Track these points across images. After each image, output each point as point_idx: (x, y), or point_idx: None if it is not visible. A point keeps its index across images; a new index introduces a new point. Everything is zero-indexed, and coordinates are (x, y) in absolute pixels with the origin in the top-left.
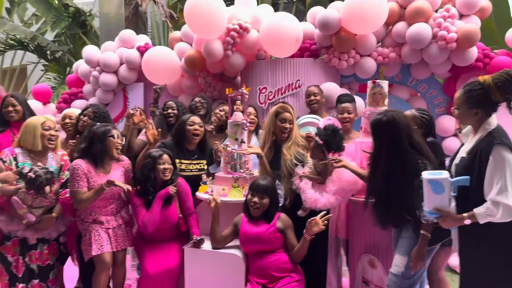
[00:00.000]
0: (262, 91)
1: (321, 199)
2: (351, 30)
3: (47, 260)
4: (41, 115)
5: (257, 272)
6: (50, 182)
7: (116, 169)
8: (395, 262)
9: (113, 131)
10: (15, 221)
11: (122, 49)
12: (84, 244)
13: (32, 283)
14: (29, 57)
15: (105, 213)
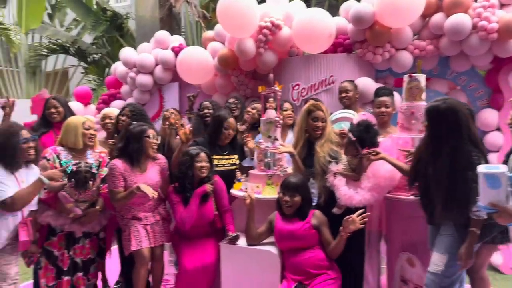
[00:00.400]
0: (295, 88)
1: (356, 196)
2: (385, 23)
3: (88, 254)
4: (81, 115)
5: (293, 268)
6: (92, 177)
7: (152, 168)
8: (433, 260)
9: (149, 131)
10: (62, 215)
11: (157, 50)
12: (124, 239)
13: (76, 276)
14: (70, 60)
15: (143, 209)
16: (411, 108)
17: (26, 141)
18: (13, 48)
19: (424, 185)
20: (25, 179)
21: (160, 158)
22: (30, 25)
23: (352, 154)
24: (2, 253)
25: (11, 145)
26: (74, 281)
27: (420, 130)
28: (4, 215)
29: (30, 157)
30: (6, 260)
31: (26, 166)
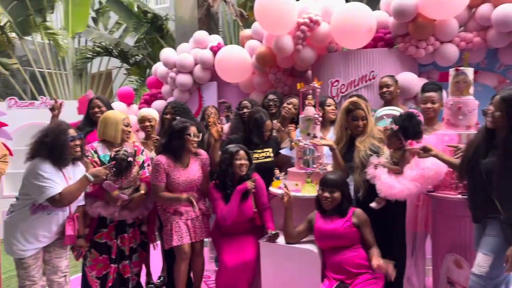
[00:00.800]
0: (334, 85)
1: (397, 184)
2: (429, 15)
3: (131, 243)
4: (119, 112)
5: (334, 267)
6: (131, 164)
7: (194, 163)
8: (478, 261)
9: (191, 129)
10: (111, 204)
11: (196, 50)
12: (165, 234)
13: (123, 263)
14: (113, 62)
15: (185, 204)
16: (458, 103)
17: (73, 139)
18: (60, 52)
19: (474, 180)
20: (72, 175)
21: (202, 154)
22: (76, 29)
23: (396, 147)
24: (53, 247)
25: (60, 143)
26: (121, 269)
27: (467, 126)
28: (55, 210)
29: (76, 154)
30: (57, 253)
31: (73, 163)
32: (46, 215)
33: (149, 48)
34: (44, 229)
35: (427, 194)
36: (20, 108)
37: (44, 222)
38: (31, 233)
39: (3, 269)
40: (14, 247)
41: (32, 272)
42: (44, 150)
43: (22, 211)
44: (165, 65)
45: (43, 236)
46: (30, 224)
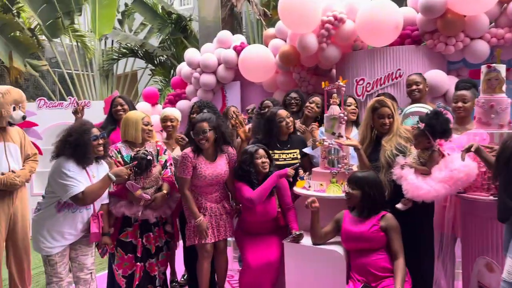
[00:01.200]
0: (359, 83)
1: (424, 185)
2: (459, 11)
3: (157, 242)
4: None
5: (359, 269)
6: (150, 163)
7: (221, 158)
8: (508, 267)
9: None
10: (134, 204)
11: (219, 50)
12: (188, 230)
13: (149, 261)
14: (138, 63)
15: (210, 199)
16: (490, 101)
17: (96, 138)
18: (88, 54)
19: (509, 175)
20: (96, 174)
21: (230, 150)
22: (103, 31)
23: (423, 146)
24: (79, 244)
25: (83, 142)
26: (147, 267)
27: (500, 125)
28: (79, 208)
29: (100, 153)
30: (82, 251)
31: (97, 162)
32: (71, 213)
33: (173, 49)
34: (69, 227)
35: (456, 195)
36: (49, 109)
37: (70, 220)
38: (57, 231)
39: (32, 265)
40: (41, 244)
41: (59, 269)
42: (68, 149)
43: (48, 209)
44: (189, 65)
45: (69, 234)
46: (56, 222)
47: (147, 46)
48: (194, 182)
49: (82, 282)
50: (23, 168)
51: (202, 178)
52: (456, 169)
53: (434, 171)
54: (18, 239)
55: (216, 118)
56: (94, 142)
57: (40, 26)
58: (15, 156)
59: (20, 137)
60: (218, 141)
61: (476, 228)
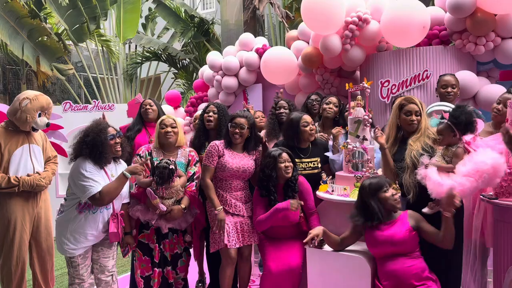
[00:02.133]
0: (384, 85)
1: (447, 181)
2: (489, 10)
3: (175, 249)
4: (165, 115)
5: (389, 277)
6: (172, 174)
7: (248, 155)
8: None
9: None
10: (150, 211)
11: (241, 53)
12: (212, 233)
13: (166, 269)
14: (161, 66)
15: (235, 197)
16: None
17: (113, 137)
18: (112, 58)
19: None
20: (115, 173)
21: (257, 153)
22: (127, 35)
23: (448, 141)
24: (101, 246)
25: (100, 141)
26: (165, 273)
27: None
28: (100, 209)
29: (117, 152)
30: (104, 253)
31: (115, 162)
32: (92, 214)
33: (195, 52)
34: (91, 228)
35: (488, 202)
36: (74, 112)
37: (91, 220)
38: (79, 232)
39: (56, 266)
40: (64, 246)
41: (81, 271)
42: (85, 149)
43: (70, 211)
44: (211, 68)
45: (91, 235)
46: (78, 223)
47: (170, 50)
48: (218, 174)
49: (103, 284)
50: (46, 170)
51: (227, 170)
52: (481, 161)
53: (458, 166)
54: (41, 240)
55: (254, 120)
56: (111, 141)
57: (67, 31)
58: (39, 158)
59: (42, 139)
60: (249, 141)
61: (509, 236)
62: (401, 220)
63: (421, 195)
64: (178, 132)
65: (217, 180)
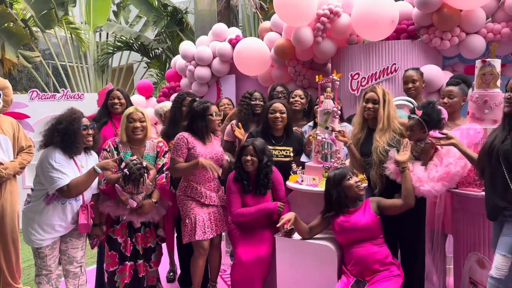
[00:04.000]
0: (354, 77)
1: (426, 183)
2: (455, 5)
3: (148, 243)
4: (133, 106)
5: (354, 263)
6: (143, 175)
7: (216, 140)
8: (496, 264)
9: (212, 109)
10: (121, 206)
11: (215, 43)
12: (186, 227)
13: (138, 262)
14: (133, 56)
15: (208, 187)
16: (484, 96)
17: (86, 128)
18: (82, 46)
19: (491, 169)
20: (85, 164)
21: (220, 134)
22: (97, 23)
23: (418, 137)
24: (70, 237)
25: (72, 130)
26: (136, 267)
27: (494, 120)
28: (69, 200)
29: (88, 143)
30: (73, 244)
31: (86, 153)
32: (61, 205)
33: (169, 42)
34: (59, 219)
35: (448, 191)
36: (41, 101)
37: (59, 211)
38: (47, 224)
39: (23, 259)
40: (32, 236)
41: (48, 262)
42: (56, 137)
43: (38, 201)
44: (184, 58)
45: (59, 226)
46: (46, 214)
47: (142, 39)
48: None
49: (71, 275)
50: (13, 160)
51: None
52: (452, 163)
53: (431, 169)
54: (7, 232)
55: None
56: (84, 131)
57: (33, 17)
58: (5, 147)
59: (14, 128)
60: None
61: (468, 224)
62: (364, 207)
63: (387, 188)
64: (147, 127)
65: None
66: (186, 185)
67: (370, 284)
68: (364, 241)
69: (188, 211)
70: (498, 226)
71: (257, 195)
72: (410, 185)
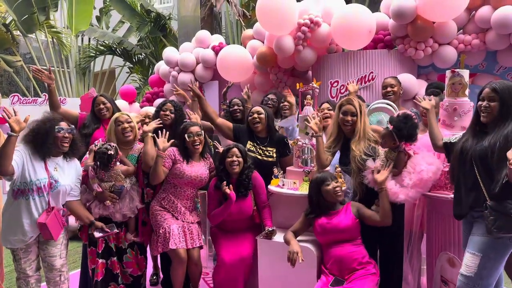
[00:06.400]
0: (333, 85)
1: (401, 193)
2: (428, 18)
3: (120, 243)
4: (118, 112)
5: (333, 263)
6: (111, 159)
7: (202, 163)
8: (465, 262)
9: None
10: (87, 191)
11: (198, 49)
12: (159, 237)
13: (111, 260)
14: (116, 60)
15: (184, 204)
16: (453, 104)
17: (61, 130)
18: (64, 50)
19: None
20: (60, 169)
21: (208, 158)
22: (80, 28)
23: (389, 146)
24: (46, 244)
25: (44, 130)
26: (109, 265)
27: (462, 127)
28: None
29: (63, 147)
30: (50, 252)
31: (65, 158)
32: (25, 200)
33: (152, 47)
34: (25, 216)
35: (423, 194)
36: (23, 105)
37: (24, 207)
38: (16, 221)
39: (5, 263)
40: (6, 236)
41: (23, 265)
42: (29, 135)
43: (8, 198)
44: (168, 64)
45: (28, 225)
46: (14, 210)
47: (125, 44)
48: (174, 180)
49: (51, 283)
50: None
51: (184, 177)
52: (424, 170)
53: (405, 177)
54: None
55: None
56: (58, 133)
57: (15, 21)
58: None
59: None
60: (204, 146)
61: (439, 225)
62: (345, 210)
63: (366, 195)
64: (135, 127)
65: (170, 186)
66: (164, 197)
67: (347, 282)
68: (343, 242)
69: (162, 221)
70: (468, 227)
71: (238, 197)
72: (388, 206)
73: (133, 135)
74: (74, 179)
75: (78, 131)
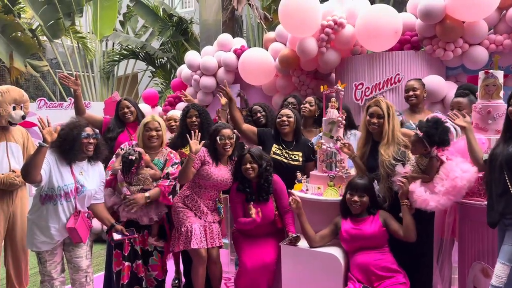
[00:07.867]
0: (358, 87)
1: (431, 200)
2: (458, 17)
3: (146, 246)
4: (151, 115)
5: (360, 270)
6: (133, 164)
7: (229, 166)
8: (496, 272)
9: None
10: (116, 194)
11: (220, 53)
12: (180, 235)
13: (136, 263)
14: (139, 65)
15: (206, 204)
16: (487, 107)
17: (88, 136)
18: (88, 55)
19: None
20: (85, 173)
21: (234, 162)
22: (104, 33)
23: (420, 153)
24: (72, 246)
25: (72, 136)
26: (134, 268)
27: (497, 131)
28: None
29: (88, 152)
30: (75, 253)
31: (89, 162)
32: (53, 205)
33: (174, 51)
34: (53, 220)
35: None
36: (49, 109)
37: (52, 212)
38: (43, 225)
39: (30, 265)
40: (32, 240)
41: (48, 268)
42: (56, 142)
43: (35, 203)
44: (189, 68)
45: (54, 229)
46: (41, 215)
47: (148, 48)
48: (200, 181)
49: (77, 284)
50: None
51: (211, 179)
52: (458, 177)
53: (437, 183)
54: (16, 239)
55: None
56: (85, 140)
57: (41, 27)
58: (16, 156)
59: (23, 137)
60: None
61: (472, 233)
62: (373, 217)
63: (396, 200)
64: (162, 135)
65: (195, 185)
66: (187, 194)
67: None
68: (370, 249)
69: (184, 219)
70: (501, 235)
71: (260, 202)
72: (410, 221)
73: (159, 142)
74: (98, 183)
75: (103, 135)
